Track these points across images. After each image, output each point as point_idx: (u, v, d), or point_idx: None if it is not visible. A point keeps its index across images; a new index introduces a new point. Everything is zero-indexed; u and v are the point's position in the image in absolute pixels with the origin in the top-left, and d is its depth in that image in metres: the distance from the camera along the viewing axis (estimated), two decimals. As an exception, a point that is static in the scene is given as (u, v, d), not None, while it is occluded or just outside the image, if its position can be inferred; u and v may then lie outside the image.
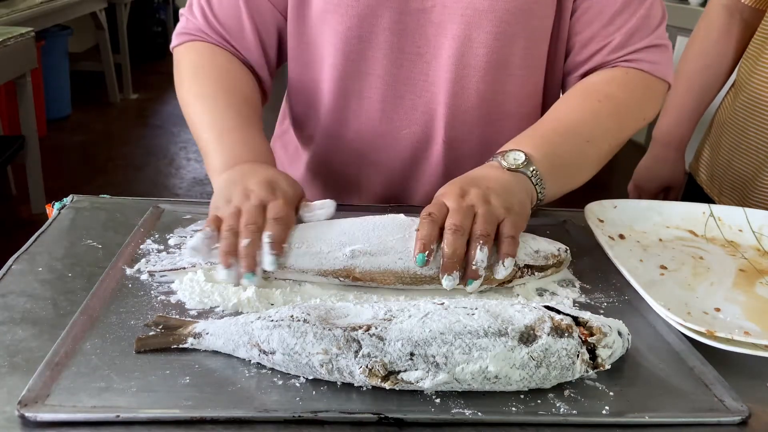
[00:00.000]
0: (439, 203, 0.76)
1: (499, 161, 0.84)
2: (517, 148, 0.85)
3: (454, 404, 0.58)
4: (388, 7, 0.92)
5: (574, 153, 0.91)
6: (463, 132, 1.00)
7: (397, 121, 1.00)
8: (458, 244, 0.72)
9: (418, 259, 0.72)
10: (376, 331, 0.60)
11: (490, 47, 0.94)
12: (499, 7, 0.91)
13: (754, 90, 1.22)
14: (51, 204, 0.90)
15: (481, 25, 0.92)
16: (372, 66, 0.97)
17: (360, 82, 0.98)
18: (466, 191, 0.77)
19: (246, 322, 0.63)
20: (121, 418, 0.54)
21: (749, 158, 1.23)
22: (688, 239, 0.94)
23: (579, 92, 0.97)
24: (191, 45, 0.99)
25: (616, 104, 0.95)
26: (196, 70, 0.97)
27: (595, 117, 0.93)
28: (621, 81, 0.97)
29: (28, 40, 2.89)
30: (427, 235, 0.73)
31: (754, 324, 0.74)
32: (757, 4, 1.28)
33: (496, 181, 0.80)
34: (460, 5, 0.92)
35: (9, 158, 2.92)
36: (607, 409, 0.59)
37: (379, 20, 0.93)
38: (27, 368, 0.59)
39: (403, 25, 0.94)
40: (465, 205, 0.75)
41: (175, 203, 0.92)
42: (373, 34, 0.94)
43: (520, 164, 0.83)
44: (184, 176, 3.84)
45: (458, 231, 0.72)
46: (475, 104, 0.98)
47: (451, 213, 0.74)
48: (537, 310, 0.63)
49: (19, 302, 0.69)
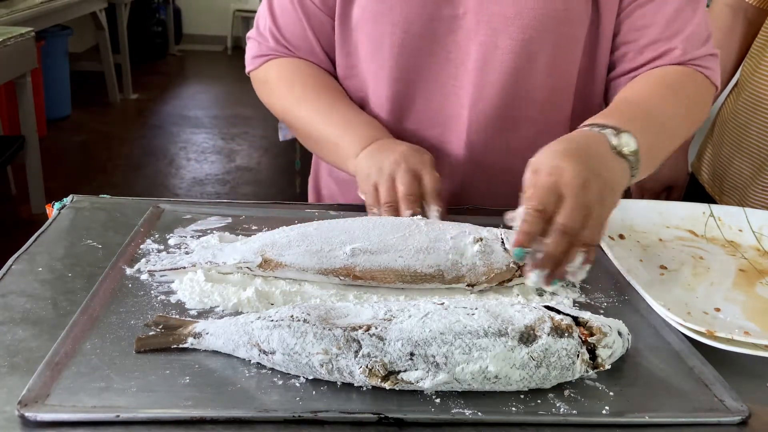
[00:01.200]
0: (554, 189, 0.70)
1: (609, 138, 0.78)
2: (628, 130, 0.78)
3: (454, 404, 0.58)
4: (420, 15, 0.95)
5: (662, 147, 0.89)
6: (485, 136, 1.01)
7: (424, 123, 1.02)
8: (563, 247, 0.69)
9: (516, 253, 0.69)
10: (376, 331, 0.60)
11: (515, 54, 0.95)
12: (526, 15, 0.92)
13: (756, 89, 1.22)
14: (51, 204, 0.90)
15: (507, 32, 0.93)
16: (405, 70, 0.99)
17: (393, 86, 1.00)
18: (587, 182, 0.70)
19: (246, 322, 0.63)
20: (121, 418, 0.54)
21: (751, 157, 1.23)
22: (688, 239, 0.94)
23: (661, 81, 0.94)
24: (273, 62, 1.06)
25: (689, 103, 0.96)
26: (290, 78, 1.04)
27: (677, 113, 0.93)
28: (691, 80, 0.96)
29: (28, 40, 2.89)
30: (533, 231, 0.69)
31: (754, 324, 0.74)
32: (762, 3, 1.28)
33: (609, 170, 0.75)
34: (488, 12, 0.93)
35: (9, 158, 2.93)
36: (607, 409, 0.59)
37: (412, 27, 0.96)
38: (27, 368, 0.59)
39: (433, 32, 0.96)
40: (583, 204, 0.69)
41: (175, 203, 0.92)
42: (405, 41, 0.97)
43: (630, 152, 0.77)
44: (184, 176, 3.84)
45: (567, 234, 0.68)
46: (497, 109, 0.99)
47: (568, 211, 0.69)
48: (537, 310, 0.63)
49: (19, 302, 0.69)
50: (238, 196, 3.54)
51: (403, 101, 1.02)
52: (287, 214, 0.92)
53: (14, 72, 2.89)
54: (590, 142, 0.77)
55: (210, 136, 4.51)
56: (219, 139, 4.47)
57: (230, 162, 4.08)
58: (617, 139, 0.77)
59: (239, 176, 3.89)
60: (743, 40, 1.33)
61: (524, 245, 0.69)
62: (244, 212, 0.91)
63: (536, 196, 0.70)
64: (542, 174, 0.71)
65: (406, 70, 0.99)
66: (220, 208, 0.92)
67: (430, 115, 1.02)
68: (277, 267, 0.74)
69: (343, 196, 1.13)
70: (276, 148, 4.24)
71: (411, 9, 0.95)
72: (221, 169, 3.97)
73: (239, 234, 0.85)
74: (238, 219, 0.89)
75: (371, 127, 0.96)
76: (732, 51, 1.33)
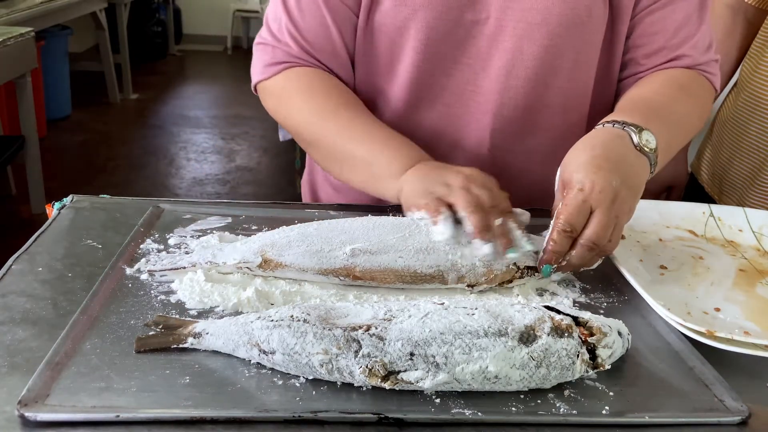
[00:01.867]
0: (583, 209, 0.73)
1: (631, 135, 0.81)
2: (648, 128, 0.82)
3: (454, 404, 0.58)
4: (443, 20, 0.93)
5: (674, 144, 0.91)
6: (508, 141, 1.01)
7: (442, 128, 1.01)
8: (588, 260, 0.74)
9: (544, 270, 0.73)
10: (376, 331, 0.60)
11: (540, 59, 0.95)
12: (552, 21, 0.92)
13: (755, 89, 1.22)
14: (51, 204, 0.90)
15: (533, 38, 0.93)
16: (426, 75, 0.98)
17: (413, 90, 0.99)
18: (617, 196, 0.74)
19: (246, 322, 0.63)
20: (121, 418, 0.54)
21: (750, 157, 1.23)
22: (688, 239, 0.94)
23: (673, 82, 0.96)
24: (289, 72, 0.97)
25: (696, 104, 0.98)
26: (310, 89, 0.96)
27: (688, 112, 0.95)
28: (698, 83, 0.99)
29: (28, 40, 2.89)
30: (561, 250, 0.73)
31: (754, 324, 0.74)
32: (761, 4, 1.28)
33: (634, 173, 0.78)
34: (513, 18, 0.92)
35: (9, 158, 2.93)
36: (607, 409, 0.59)
37: (434, 33, 0.94)
38: (27, 368, 0.59)
39: (456, 37, 0.95)
40: (611, 218, 0.73)
41: (175, 203, 0.92)
42: (428, 47, 0.95)
43: (651, 150, 0.81)
44: (184, 176, 3.84)
45: (594, 250, 0.73)
46: (521, 114, 0.99)
47: (597, 228, 0.73)
48: (537, 310, 0.63)
49: (19, 302, 0.69)
50: (238, 196, 3.55)
51: (421, 105, 1.00)
52: (287, 214, 0.92)
53: (14, 72, 2.89)
54: (615, 143, 0.80)
55: (210, 136, 4.51)
56: (219, 139, 4.47)
57: (230, 162, 4.08)
58: (639, 136, 0.80)
59: (239, 176, 3.89)
60: (743, 41, 1.33)
61: (551, 263, 0.73)
62: (244, 212, 0.91)
63: (566, 215, 0.73)
64: (573, 189, 0.75)
65: (426, 74, 0.98)
66: (220, 208, 0.92)
67: (449, 120, 1.01)
68: (277, 267, 0.74)
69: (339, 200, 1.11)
70: (276, 148, 4.24)
71: (434, 14, 0.93)
72: (221, 169, 3.97)
73: (239, 234, 0.85)
74: (238, 219, 0.89)
75: (412, 148, 0.90)
76: (732, 51, 1.34)
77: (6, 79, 2.88)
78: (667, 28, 0.97)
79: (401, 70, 0.98)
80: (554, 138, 1.01)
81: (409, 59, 0.97)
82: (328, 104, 0.94)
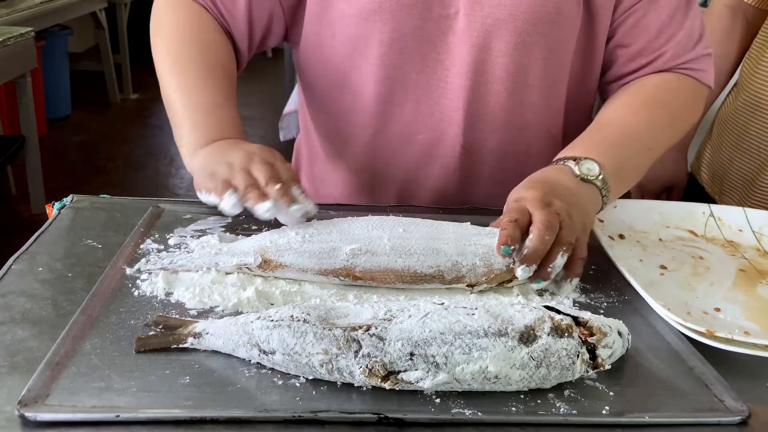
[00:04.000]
0: (522, 209, 0.76)
1: (572, 168, 0.84)
2: (590, 157, 0.85)
3: (454, 404, 0.58)
4: (411, 14, 0.92)
5: (637, 162, 0.93)
6: (482, 138, 1.00)
7: (413, 125, 1.00)
8: (548, 239, 0.73)
9: (504, 249, 0.73)
10: (376, 331, 0.60)
11: (509, 56, 0.94)
12: (519, 17, 0.91)
13: (755, 89, 1.22)
14: (51, 204, 0.90)
15: (500, 35, 0.92)
16: (393, 71, 0.96)
17: (379, 87, 0.98)
18: (549, 202, 0.77)
19: (246, 322, 0.63)
20: (121, 418, 0.54)
21: (750, 158, 1.23)
22: (688, 239, 0.94)
23: (637, 98, 0.97)
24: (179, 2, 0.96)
25: (671, 112, 0.98)
26: (181, 31, 0.95)
27: (655, 126, 0.95)
28: (675, 87, 0.98)
29: (28, 40, 2.89)
30: (512, 234, 0.73)
31: (754, 324, 0.74)
32: (761, 4, 1.28)
33: (573, 194, 0.81)
34: (481, 14, 0.92)
35: (9, 158, 2.92)
36: (607, 409, 0.59)
37: (402, 26, 0.93)
38: (27, 368, 0.59)
39: (425, 32, 0.94)
40: (551, 212, 0.75)
41: (175, 203, 0.92)
42: (394, 40, 0.94)
43: (594, 176, 0.83)
44: (184, 176, 3.84)
45: (549, 228, 0.73)
46: (494, 112, 0.98)
47: (541, 214, 0.74)
48: (537, 310, 0.63)
49: (19, 302, 0.69)
50: (238, 196, 3.53)
51: (391, 102, 0.99)
52: (287, 214, 0.92)
53: (14, 72, 2.89)
54: (555, 174, 0.84)
55: (210, 136, 4.49)
56: (219, 139, 4.46)
57: (230, 162, 4.07)
58: (578, 167, 0.84)
59: (239, 176, 3.88)
60: (742, 41, 1.33)
61: (508, 244, 0.73)
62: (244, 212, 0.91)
63: (510, 214, 0.76)
64: (510, 203, 0.79)
65: (393, 69, 0.96)
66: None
67: (420, 117, 0.99)
68: (277, 267, 0.74)
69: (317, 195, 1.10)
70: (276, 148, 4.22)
71: (401, 7, 0.92)
72: (221, 169, 3.96)
73: (239, 234, 0.85)
74: (238, 219, 0.89)
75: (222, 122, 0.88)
76: (731, 51, 1.33)
77: (6, 79, 2.87)
78: (650, 29, 0.97)
79: (365, 64, 0.96)
80: (528, 136, 1.01)
81: (375, 53, 0.95)
82: (190, 57, 0.93)
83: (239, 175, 0.78)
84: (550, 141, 1.04)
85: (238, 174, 0.79)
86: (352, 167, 1.07)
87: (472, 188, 1.05)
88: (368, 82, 0.98)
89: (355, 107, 1.01)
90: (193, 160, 0.85)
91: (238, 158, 0.80)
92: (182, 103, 0.90)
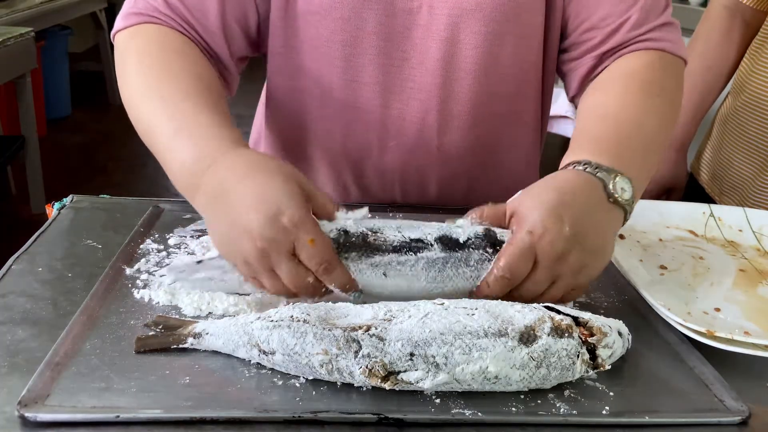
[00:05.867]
0: (532, 257, 0.66)
1: (605, 182, 0.71)
2: (623, 172, 0.73)
3: (454, 404, 0.58)
4: (373, 9, 0.87)
5: (652, 168, 0.83)
6: (457, 137, 0.95)
7: (383, 130, 0.95)
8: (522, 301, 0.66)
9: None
10: (376, 331, 0.60)
11: (479, 48, 0.89)
12: (486, 6, 0.87)
13: (754, 90, 1.22)
14: (51, 204, 0.90)
15: (468, 26, 0.88)
16: (358, 73, 0.91)
17: (345, 91, 0.93)
18: (565, 255, 0.66)
19: (246, 322, 0.62)
20: (121, 419, 0.54)
21: (750, 158, 1.23)
22: (688, 239, 0.94)
23: (635, 86, 0.87)
24: (139, 28, 0.85)
25: (670, 97, 0.88)
26: (140, 58, 0.82)
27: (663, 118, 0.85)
28: (661, 66, 0.89)
29: (28, 40, 2.89)
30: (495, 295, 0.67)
31: (754, 324, 0.74)
32: (759, 5, 1.28)
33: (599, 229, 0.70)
34: (447, 5, 0.87)
35: (9, 158, 2.92)
36: (607, 409, 0.59)
37: (365, 24, 0.88)
38: (27, 368, 0.59)
39: (389, 29, 0.89)
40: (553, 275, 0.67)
41: (175, 203, 0.92)
42: (358, 39, 0.89)
43: (625, 200, 0.72)
44: (184, 176, 3.84)
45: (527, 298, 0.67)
46: (467, 108, 0.93)
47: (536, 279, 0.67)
48: (537, 310, 0.63)
49: (19, 302, 0.69)
50: (238, 196, 3.53)
51: (358, 107, 0.93)
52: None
53: (14, 72, 2.89)
54: (586, 194, 0.71)
55: (210, 136, 4.49)
56: (219, 139, 4.46)
57: (230, 162, 4.07)
58: (613, 184, 0.72)
59: (239, 176, 3.87)
60: (741, 42, 1.32)
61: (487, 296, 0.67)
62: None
63: (509, 261, 0.66)
64: (522, 230, 0.67)
65: (358, 72, 0.91)
66: (220, 208, 0.92)
67: (392, 121, 0.94)
68: None
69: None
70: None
71: (363, 2, 0.86)
72: (221, 169, 3.95)
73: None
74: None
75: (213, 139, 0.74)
76: (730, 52, 1.33)
77: (6, 79, 2.87)
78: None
79: (329, 68, 0.91)
80: (503, 126, 0.97)
81: (337, 54, 0.90)
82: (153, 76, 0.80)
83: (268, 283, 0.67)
84: (524, 128, 1.00)
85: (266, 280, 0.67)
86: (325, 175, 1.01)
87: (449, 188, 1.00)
88: (333, 86, 0.92)
89: (320, 114, 0.95)
90: (194, 202, 0.73)
91: (254, 256, 0.65)
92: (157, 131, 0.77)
